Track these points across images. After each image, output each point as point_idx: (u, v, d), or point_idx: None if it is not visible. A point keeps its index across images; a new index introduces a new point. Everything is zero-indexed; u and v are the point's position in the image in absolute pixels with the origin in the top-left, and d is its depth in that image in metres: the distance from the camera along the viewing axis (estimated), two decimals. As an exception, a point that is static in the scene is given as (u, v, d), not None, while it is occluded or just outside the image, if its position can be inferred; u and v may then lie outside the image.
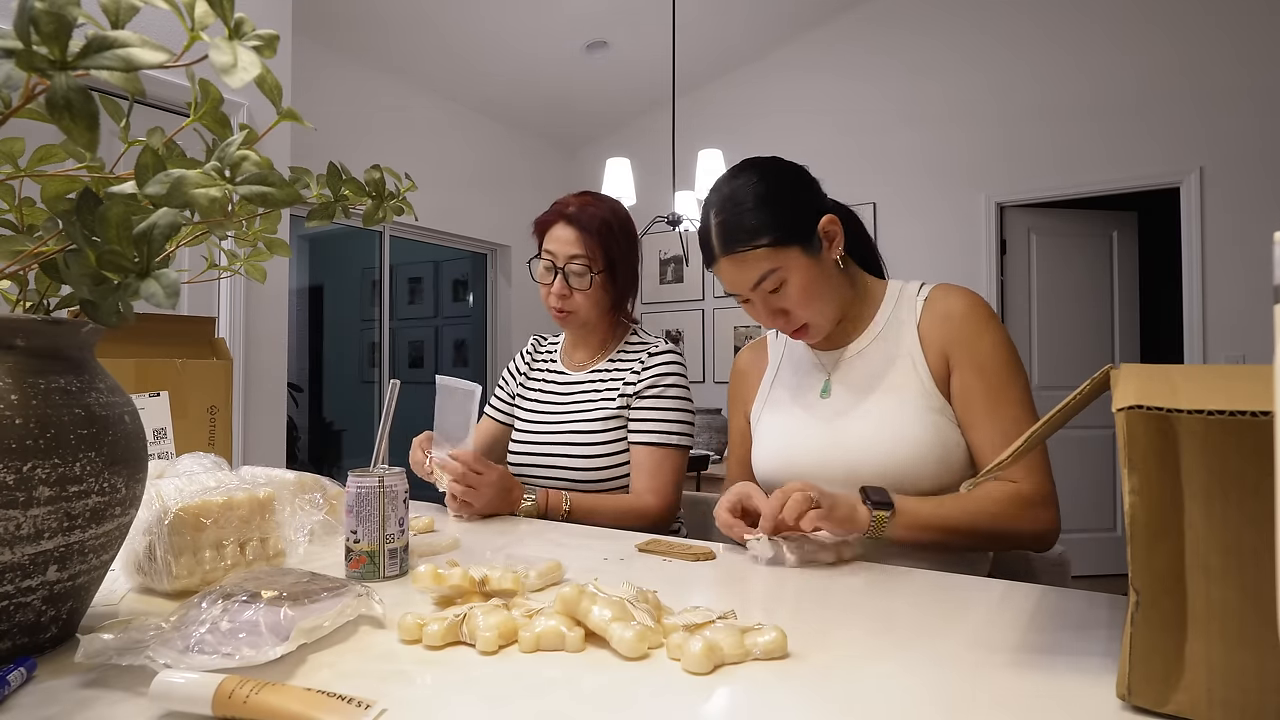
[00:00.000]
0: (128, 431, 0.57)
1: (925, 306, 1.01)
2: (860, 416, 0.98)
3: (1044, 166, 3.71)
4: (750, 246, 0.94)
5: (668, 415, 1.28)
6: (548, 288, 1.34)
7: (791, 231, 0.94)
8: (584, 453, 1.29)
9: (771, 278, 0.95)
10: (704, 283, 4.72)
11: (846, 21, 4.23)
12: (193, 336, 1.29)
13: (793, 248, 0.94)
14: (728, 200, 0.96)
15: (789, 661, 0.53)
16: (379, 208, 0.68)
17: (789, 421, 1.05)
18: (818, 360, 1.08)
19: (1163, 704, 0.43)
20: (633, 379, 1.31)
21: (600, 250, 1.31)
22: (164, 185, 0.49)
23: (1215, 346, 3.33)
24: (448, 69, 4.08)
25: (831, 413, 1.01)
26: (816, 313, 0.98)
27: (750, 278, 0.95)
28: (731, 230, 0.95)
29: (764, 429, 1.10)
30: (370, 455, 0.85)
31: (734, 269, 0.96)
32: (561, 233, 1.31)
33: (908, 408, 0.95)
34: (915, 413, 0.95)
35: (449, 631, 0.56)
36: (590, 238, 1.30)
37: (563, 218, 1.32)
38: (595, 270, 1.31)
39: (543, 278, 1.35)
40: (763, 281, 0.95)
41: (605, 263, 1.32)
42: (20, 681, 0.48)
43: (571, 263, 1.30)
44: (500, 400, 1.50)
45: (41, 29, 0.42)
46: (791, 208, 0.96)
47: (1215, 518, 0.40)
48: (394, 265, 4.19)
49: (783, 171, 0.99)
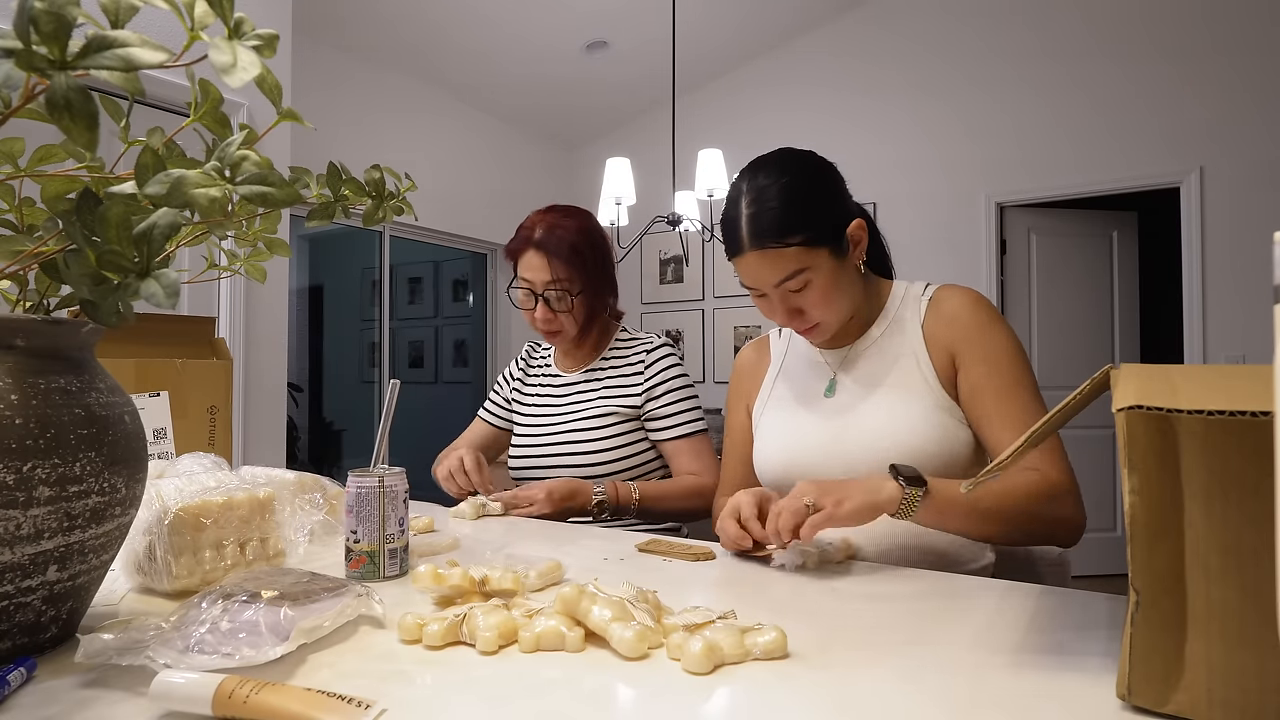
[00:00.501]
0: (128, 431, 0.57)
1: (930, 306, 1.01)
2: (865, 414, 0.98)
3: (1044, 166, 3.71)
4: (782, 244, 0.91)
5: (686, 405, 1.36)
6: (530, 313, 1.35)
7: (824, 233, 0.93)
8: (585, 449, 1.32)
9: (798, 277, 0.93)
10: (704, 283, 4.72)
11: (846, 22, 4.23)
12: (193, 336, 1.29)
13: (823, 249, 0.93)
14: (762, 193, 0.93)
15: (789, 661, 0.53)
16: (379, 208, 0.68)
17: (792, 419, 1.05)
18: (822, 358, 1.08)
19: (1163, 704, 0.43)
20: (637, 379, 1.35)
21: (574, 271, 1.31)
22: (164, 185, 0.49)
23: (1215, 346, 3.33)
24: (448, 69, 4.08)
25: (835, 411, 1.01)
26: (832, 314, 0.97)
27: (776, 275, 0.93)
28: (764, 224, 0.92)
29: (766, 427, 1.09)
30: (370, 455, 0.85)
31: (761, 264, 0.94)
32: (534, 260, 1.31)
33: (913, 406, 0.95)
34: (921, 410, 0.94)
35: (449, 631, 0.56)
36: (562, 262, 1.30)
37: (531, 245, 1.31)
38: (574, 293, 1.31)
39: (523, 304, 1.35)
40: (788, 280, 0.93)
41: (582, 282, 1.32)
42: (20, 681, 0.48)
43: (549, 289, 1.30)
44: (495, 405, 1.53)
45: (41, 29, 0.42)
46: (827, 210, 0.95)
47: (1215, 518, 0.40)
48: (394, 265, 4.19)
49: (819, 170, 0.98)
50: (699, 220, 3.47)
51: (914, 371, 0.97)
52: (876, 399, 0.98)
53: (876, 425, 0.96)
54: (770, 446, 1.06)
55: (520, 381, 1.51)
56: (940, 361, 0.97)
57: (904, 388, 0.97)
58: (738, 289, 4.57)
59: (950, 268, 3.89)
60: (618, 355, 1.40)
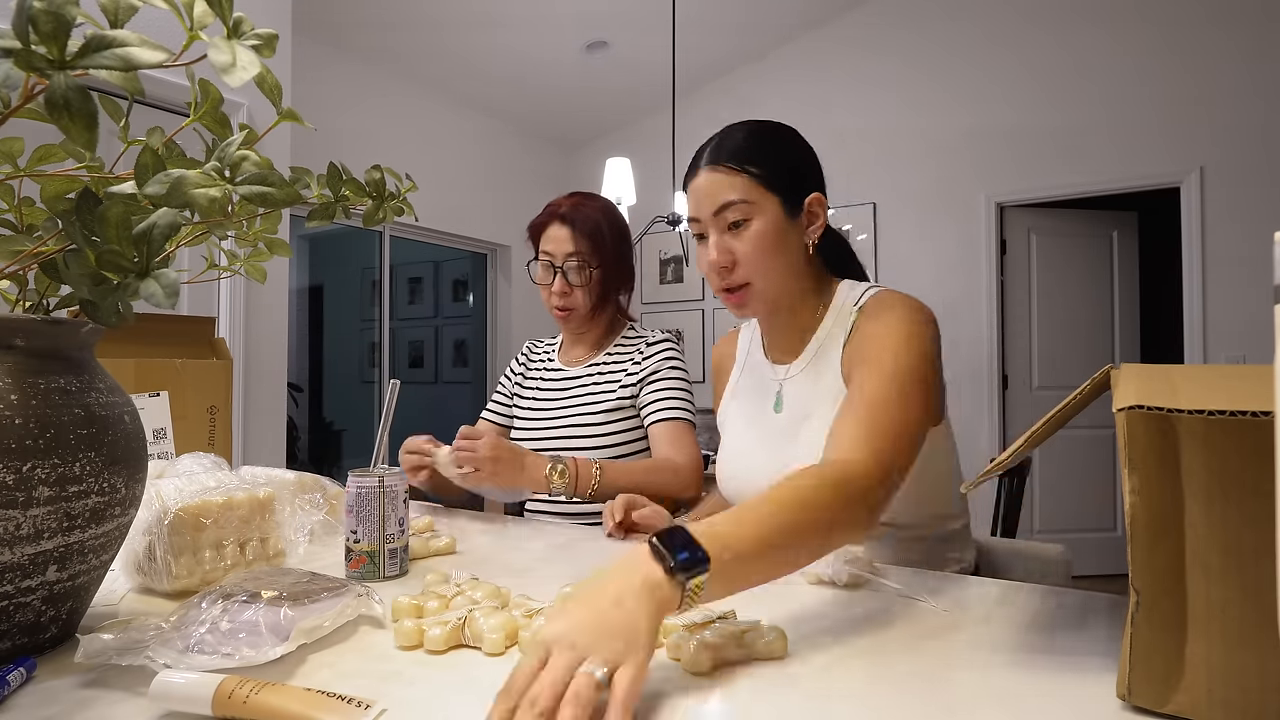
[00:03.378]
0: (128, 431, 0.57)
1: (858, 321, 0.92)
2: (803, 444, 0.91)
3: (1044, 166, 3.71)
4: (736, 167, 0.90)
5: (674, 393, 1.33)
6: (548, 288, 1.38)
7: (780, 181, 0.91)
8: (587, 445, 1.31)
9: (738, 208, 0.90)
10: (703, 283, 4.72)
11: (847, 22, 4.23)
12: (193, 336, 1.29)
13: (773, 196, 0.91)
14: (737, 127, 0.94)
15: (789, 661, 0.53)
16: (379, 208, 0.68)
17: (741, 441, 1.04)
18: (770, 373, 1.03)
19: (1163, 704, 0.43)
20: (634, 369, 1.35)
21: (595, 246, 1.35)
22: (164, 185, 0.49)
23: (1215, 346, 3.33)
24: (448, 69, 4.08)
25: (778, 432, 0.97)
26: (763, 274, 0.91)
27: (719, 198, 0.90)
28: (726, 147, 0.92)
29: (724, 440, 1.09)
30: (370, 455, 0.85)
31: (709, 182, 0.91)
32: (557, 232, 1.35)
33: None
34: None
35: (451, 636, 0.56)
36: (584, 235, 1.34)
37: (556, 218, 1.36)
38: (592, 266, 1.35)
39: (542, 278, 1.39)
40: (727, 209, 0.90)
41: (600, 258, 1.35)
42: (20, 681, 0.48)
43: (569, 260, 1.34)
44: (498, 404, 1.53)
45: (40, 28, 0.42)
46: (790, 165, 0.93)
47: (1215, 518, 0.40)
48: (394, 265, 4.19)
49: (794, 135, 0.97)
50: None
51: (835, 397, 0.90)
52: (809, 427, 0.92)
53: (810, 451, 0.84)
54: (724, 465, 1.05)
55: (521, 376, 1.51)
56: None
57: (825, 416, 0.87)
58: (738, 289, 4.58)
59: (950, 268, 3.90)
60: (621, 350, 1.40)
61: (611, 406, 1.33)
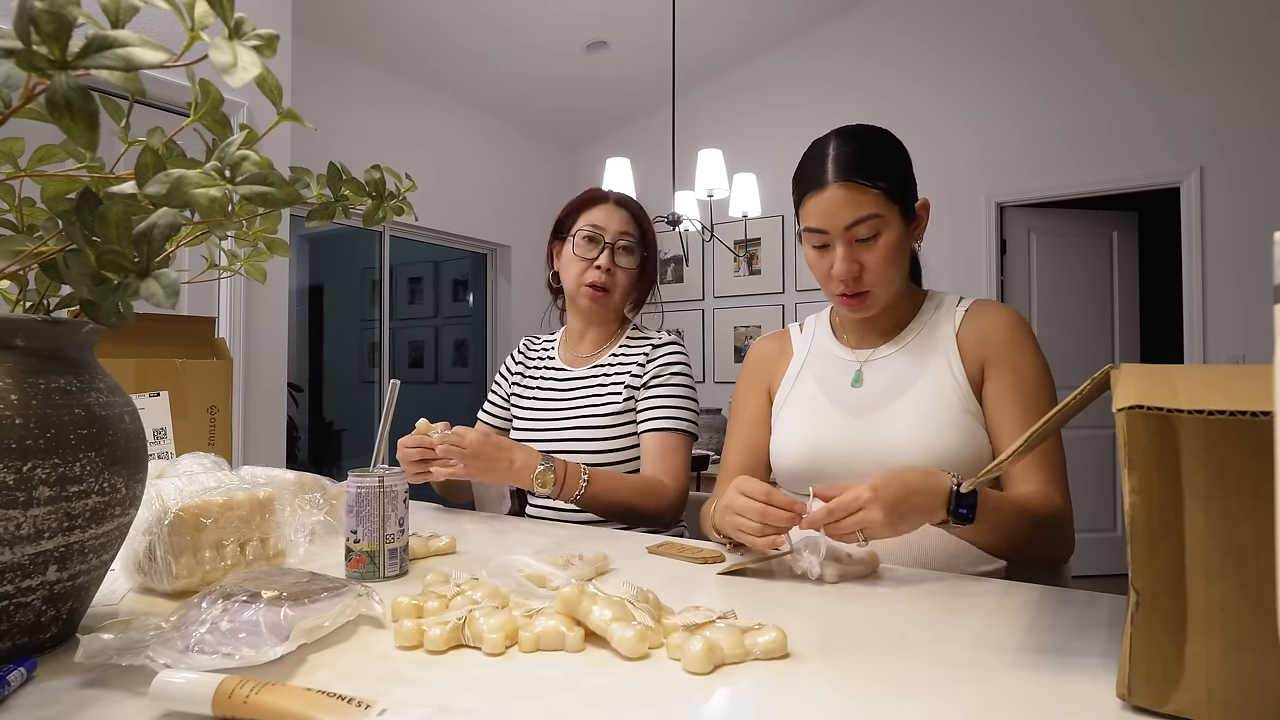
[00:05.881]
0: (128, 431, 0.57)
1: (967, 317, 1.02)
2: (895, 414, 0.98)
3: (1044, 166, 3.71)
4: (871, 182, 0.93)
5: (674, 402, 1.29)
6: (588, 262, 1.33)
7: (902, 191, 0.97)
8: (592, 448, 1.28)
9: (872, 223, 0.94)
10: (704, 283, 4.72)
11: (846, 22, 4.23)
12: (193, 336, 1.29)
13: (896, 207, 0.96)
14: (854, 137, 0.97)
15: (789, 661, 0.53)
16: (379, 208, 0.68)
17: (817, 410, 1.04)
18: (847, 355, 1.08)
19: (1163, 704, 0.43)
20: (639, 371, 1.31)
21: (645, 236, 1.37)
22: (164, 185, 0.49)
23: (1215, 346, 3.33)
24: (448, 69, 4.08)
25: (863, 406, 1.01)
26: (887, 282, 0.98)
27: (855, 213, 0.94)
28: (857, 161, 0.94)
29: (788, 417, 1.07)
30: (370, 455, 0.85)
31: (844, 197, 0.94)
32: (610, 211, 1.36)
33: (943, 409, 0.95)
34: (951, 414, 0.95)
35: (451, 636, 0.56)
36: (637, 222, 1.36)
37: (609, 199, 1.38)
38: (642, 251, 1.37)
39: (585, 251, 1.34)
40: (861, 223, 0.94)
41: (647, 250, 1.38)
42: (20, 681, 0.48)
43: (621, 238, 1.34)
44: (495, 404, 1.49)
45: (41, 28, 0.42)
46: (904, 174, 0.99)
47: (1215, 518, 0.40)
48: (394, 265, 4.19)
49: (900, 142, 1.02)
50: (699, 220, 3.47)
51: (945, 374, 0.98)
52: (907, 399, 0.98)
53: (905, 425, 0.96)
54: (793, 436, 1.05)
55: (520, 375, 1.46)
56: (972, 368, 0.98)
57: (935, 390, 0.97)
58: (738, 289, 4.58)
59: (950, 267, 3.89)
60: (625, 352, 1.36)
61: (619, 409, 1.29)
